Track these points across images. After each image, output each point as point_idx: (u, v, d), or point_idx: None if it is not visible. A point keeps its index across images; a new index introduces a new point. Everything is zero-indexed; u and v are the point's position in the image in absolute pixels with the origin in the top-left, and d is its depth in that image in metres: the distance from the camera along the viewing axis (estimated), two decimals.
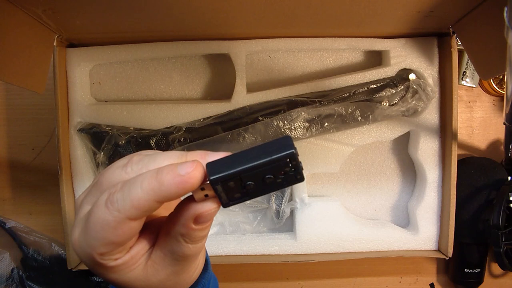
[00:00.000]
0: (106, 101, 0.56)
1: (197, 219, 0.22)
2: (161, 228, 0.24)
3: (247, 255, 0.54)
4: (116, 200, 0.20)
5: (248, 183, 0.21)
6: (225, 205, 0.22)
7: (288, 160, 0.21)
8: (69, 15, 0.44)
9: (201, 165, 0.21)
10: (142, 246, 0.24)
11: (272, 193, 0.57)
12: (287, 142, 0.21)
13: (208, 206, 0.22)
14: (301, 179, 0.22)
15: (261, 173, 0.21)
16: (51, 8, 0.42)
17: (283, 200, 0.55)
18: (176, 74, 0.56)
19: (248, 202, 0.57)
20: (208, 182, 0.21)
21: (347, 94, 0.53)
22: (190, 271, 0.25)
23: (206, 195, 0.22)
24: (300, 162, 0.21)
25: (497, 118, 0.60)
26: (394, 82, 0.53)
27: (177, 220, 0.22)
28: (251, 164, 0.21)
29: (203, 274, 0.29)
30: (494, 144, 0.61)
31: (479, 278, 0.58)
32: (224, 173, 0.21)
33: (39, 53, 0.46)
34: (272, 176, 0.21)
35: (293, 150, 0.20)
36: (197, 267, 0.27)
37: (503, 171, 0.54)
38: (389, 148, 0.59)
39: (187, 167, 0.20)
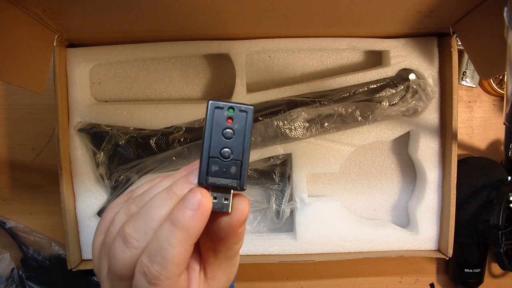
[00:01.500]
0: (106, 101, 0.56)
1: (238, 218, 0.22)
2: (202, 248, 0.24)
3: (247, 255, 0.54)
4: (158, 273, 0.19)
5: (223, 150, 0.22)
6: (239, 187, 0.22)
7: (219, 108, 0.23)
8: (69, 15, 0.44)
9: (197, 188, 0.21)
10: (195, 276, 0.24)
11: (272, 193, 0.57)
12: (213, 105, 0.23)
13: (241, 203, 0.22)
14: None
15: (218, 132, 0.22)
16: (51, 8, 0.42)
17: (283, 200, 0.55)
18: (176, 74, 0.56)
19: None
20: (205, 185, 0.21)
21: (347, 94, 0.53)
22: (237, 260, 0.26)
23: (215, 197, 0.22)
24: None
25: (497, 118, 0.60)
26: (394, 82, 0.53)
27: (227, 236, 0.22)
28: (205, 135, 0.22)
29: None
30: (494, 144, 0.61)
31: (479, 278, 0.58)
32: (207, 167, 0.21)
33: (39, 53, 0.46)
34: (227, 128, 0.23)
35: (211, 101, 0.22)
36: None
37: (503, 171, 0.54)
38: (389, 148, 0.59)
39: (193, 198, 0.20)
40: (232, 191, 0.22)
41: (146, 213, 0.21)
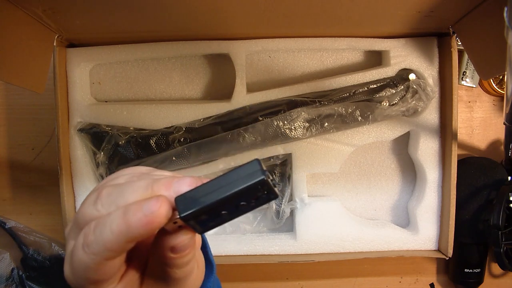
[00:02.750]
0: (106, 101, 0.56)
1: (173, 250, 0.22)
2: (149, 254, 0.24)
3: (247, 255, 0.54)
4: (91, 243, 0.20)
5: (222, 212, 0.21)
6: (201, 233, 0.22)
7: (259, 186, 0.20)
8: (69, 15, 0.44)
9: (167, 201, 0.20)
10: (133, 273, 0.24)
11: None
12: (256, 167, 0.20)
13: (180, 238, 0.21)
14: (275, 197, 0.21)
15: (234, 202, 0.20)
16: (51, 8, 0.42)
17: (283, 200, 0.55)
18: (176, 74, 0.56)
19: None
20: (179, 217, 0.20)
21: (347, 94, 0.53)
22: (186, 287, 0.25)
23: (180, 227, 0.21)
24: (273, 180, 0.21)
25: (497, 118, 0.60)
26: (394, 82, 0.53)
27: (157, 251, 0.22)
28: (222, 197, 0.20)
29: (208, 277, 0.29)
30: (494, 144, 0.61)
31: (479, 278, 0.58)
32: (194, 209, 0.20)
33: (39, 53, 0.46)
34: (245, 203, 0.21)
35: (263, 177, 0.19)
36: (195, 280, 0.26)
37: (503, 171, 0.54)
38: (389, 148, 0.59)
39: (152, 205, 0.19)
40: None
41: (122, 190, 0.21)
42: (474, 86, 0.59)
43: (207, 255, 0.31)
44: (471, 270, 0.57)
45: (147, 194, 0.21)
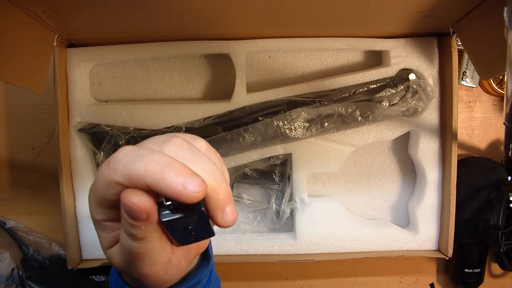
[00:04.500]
0: (106, 101, 0.56)
1: (126, 210, 0.21)
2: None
3: (247, 254, 0.54)
4: (119, 161, 0.21)
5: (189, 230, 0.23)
6: (162, 223, 0.23)
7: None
8: (69, 15, 0.44)
9: (205, 192, 0.21)
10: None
11: (272, 193, 0.57)
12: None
13: (136, 199, 0.21)
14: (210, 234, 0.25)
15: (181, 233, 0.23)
16: (51, 8, 0.42)
17: (283, 200, 0.55)
18: (176, 74, 0.56)
19: (248, 202, 0.57)
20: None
21: (347, 94, 0.53)
22: (153, 269, 0.24)
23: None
24: (203, 221, 0.23)
25: (497, 118, 0.60)
26: (394, 82, 0.53)
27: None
28: (169, 218, 0.22)
29: (203, 269, 0.29)
30: (494, 144, 0.61)
31: (479, 278, 0.58)
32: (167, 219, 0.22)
33: (39, 53, 0.46)
34: (189, 227, 0.23)
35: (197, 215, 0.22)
36: (161, 272, 0.25)
37: (503, 171, 0.54)
38: (389, 148, 0.59)
39: (196, 186, 0.20)
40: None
41: (141, 155, 0.21)
42: (474, 86, 0.59)
43: (207, 249, 0.31)
44: (471, 270, 0.57)
45: (156, 172, 0.21)
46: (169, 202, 0.21)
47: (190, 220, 0.22)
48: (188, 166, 0.21)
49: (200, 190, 0.20)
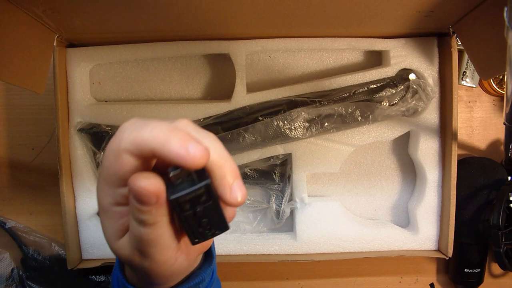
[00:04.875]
0: (106, 101, 0.56)
1: (135, 196, 0.21)
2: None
3: (247, 254, 0.54)
4: (126, 129, 0.21)
5: (202, 222, 0.23)
6: (169, 199, 0.22)
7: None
8: (69, 15, 0.44)
9: (208, 157, 0.21)
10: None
11: (272, 193, 0.57)
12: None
13: (144, 183, 0.21)
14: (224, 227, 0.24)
15: (190, 217, 0.23)
16: (51, 8, 0.42)
17: (283, 200, 0.55)
18: (176, 74, 0.56)
19: (248, 202, 0.57)
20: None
21: (347, 94, 0.53)
22: (164, 256, 0.24)
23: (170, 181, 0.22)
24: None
25: (497, 118, 0.60)
26: (394, 82, 0.53)
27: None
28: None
29: (206, 269, 0.29)
30: (494, 144, 0.61)
31: (479, 278, 0.58)
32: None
33: (39, 53, 0.46)
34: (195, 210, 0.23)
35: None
36: (170, 262, 0.25)
37: (503, 171, 0.54)
38: (389, 148, 0.59)
39: (199, 149, 0.20)
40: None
41: (147, 123, 0.21)
42: (474, 86, 0.59)
43: (210, 249, 0.30)
44: (471, 270, 0.57)
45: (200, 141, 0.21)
46: (176, 172, 0.22)
47: (198, 196, 0.22)
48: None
49: (203, 154, 0.20)
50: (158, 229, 0.22)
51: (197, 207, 0.22)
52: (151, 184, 0.21)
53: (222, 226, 0.24)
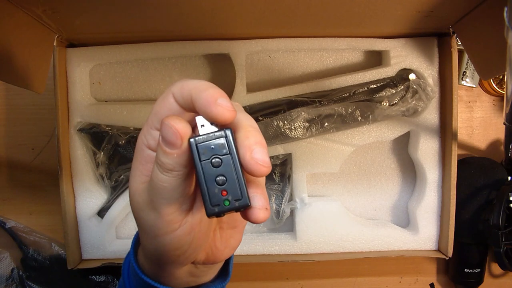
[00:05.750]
0: (106, 101, 0.56)
1: (164, 132, 0.22)
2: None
3: (247, 254, 0.54)
4: (178, 82, 0.24)
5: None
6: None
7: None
8: (69, 15, 0.44)
9: (234, 115, 0.22)
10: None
11: (272, 193, 0.57)
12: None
13: (175, 121, 0.22)
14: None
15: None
16: (51, 8, 0.42)
17: (283, 200, 0.55)
18: (176, 74, 0.56)
19: None
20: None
21: (347, 94, 0.53)
22: (169, 209, 0.24)
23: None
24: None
25: (497, 118, 0.60)
26: (394, 82, 0.53)
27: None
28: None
29: (217, 284, 0.30)
30: (494, 144, 0.61)
31: (479, 278, 0.58)
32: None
33: (39, 53, 0.46)
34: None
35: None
36: (181, 216, 0.25)
37: (503, 171, 0.54)
38: (389, 148, 0.59)
39: (228, 105, 0.22)
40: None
41: (195, 81, 0.24)
42: (474, 86, 0.59)
43: (227, 265, 0.31)
44: (471, 270, 0.57)
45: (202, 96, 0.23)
46: (203, 124, 0.23)
47: (217, 144, 0.22)
48: None
49: (230, 108, 0.22)
50: (173, 180, 0.23)
51: (214, 157, 0.22)
52: (180, 125, 0.22)
53: (240, 195, 0.22)
